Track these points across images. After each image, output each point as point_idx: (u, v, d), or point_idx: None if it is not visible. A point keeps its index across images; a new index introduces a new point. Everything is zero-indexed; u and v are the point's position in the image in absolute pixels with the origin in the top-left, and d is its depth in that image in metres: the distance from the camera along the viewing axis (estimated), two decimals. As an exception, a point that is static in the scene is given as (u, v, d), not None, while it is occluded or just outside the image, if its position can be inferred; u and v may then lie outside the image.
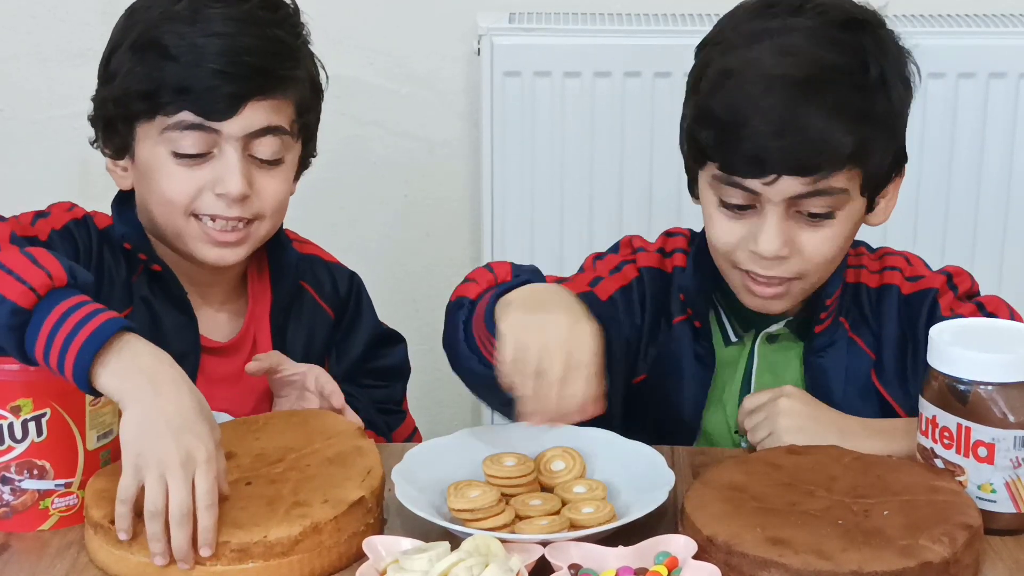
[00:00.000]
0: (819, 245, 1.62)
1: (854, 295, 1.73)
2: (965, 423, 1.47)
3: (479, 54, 2.46)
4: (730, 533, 1.40)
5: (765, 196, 1.58)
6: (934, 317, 1.68)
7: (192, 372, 1.73)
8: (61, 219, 1.71)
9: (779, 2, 1.62)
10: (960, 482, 1.49)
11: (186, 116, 1.63)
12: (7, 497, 1.48)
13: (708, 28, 2.44)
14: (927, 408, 1.51)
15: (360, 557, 1.41)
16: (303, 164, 1.78)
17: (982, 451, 1.47)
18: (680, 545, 1.39)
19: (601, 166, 2.50)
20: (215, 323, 1.78)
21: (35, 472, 1.48)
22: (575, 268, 2.50)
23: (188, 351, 1.72)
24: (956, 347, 1.49)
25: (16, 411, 1.46)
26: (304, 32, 1.73)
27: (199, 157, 1.65)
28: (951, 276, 1.74)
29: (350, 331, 1.87)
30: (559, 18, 2.51)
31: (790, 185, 1.57)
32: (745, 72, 1.57)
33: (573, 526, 1.44)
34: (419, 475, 1.52)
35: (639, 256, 1.77)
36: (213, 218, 1.67)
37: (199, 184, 1.65)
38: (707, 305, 1.74)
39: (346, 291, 1.87)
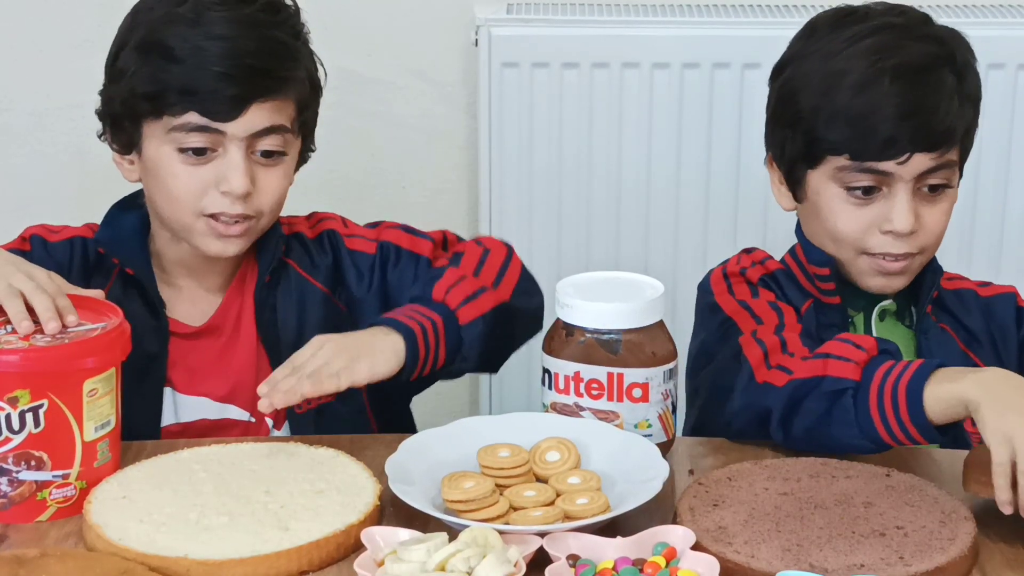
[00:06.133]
0: (938, 218, 1.74)
1: (937, 297, 1.82)
2: (617, 370, 1.57)
3: (477, 45, 2.46)
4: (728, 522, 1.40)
5: (897, 175, 1.69)
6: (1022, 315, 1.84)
7: (161, 373, 1.76)
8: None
9: (855, 11, 1.76)
10: (616, 426, 1.58)
11: (192, 117, 1.68)
12: (5, 488, 1.49)
13: (704, 19, 2.49)
14: (566, 367, 1.59)
15: (359, 548, 1.41)
16: (302, 159, 1.83)
17: (636, 392, 1.58)
18: (679, 536, 1.39)
19: (599, 157, 2.50)
20: (204, 306, 1.80)
21: (32, 463, 1.49)
22: (573, 261, 2.53)
23: (157, 352, 1.76)
24: (595, 303, 1.58)
25: (13, 402, 1.46)
26: (304, 32, 1.78)
27: (204, 155, 1.70)
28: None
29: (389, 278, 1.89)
30: (557, 9, 2.51)
31: (921, 162, 1.69)
32: (858, 69, 1.69)
33: (567, 517, 1.44)
34: (414, 466, 1.52)
35: (753, 275, 1.78)
36: (217, 216, 1.71)
37: (204, 182, 1.70)
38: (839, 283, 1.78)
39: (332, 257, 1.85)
